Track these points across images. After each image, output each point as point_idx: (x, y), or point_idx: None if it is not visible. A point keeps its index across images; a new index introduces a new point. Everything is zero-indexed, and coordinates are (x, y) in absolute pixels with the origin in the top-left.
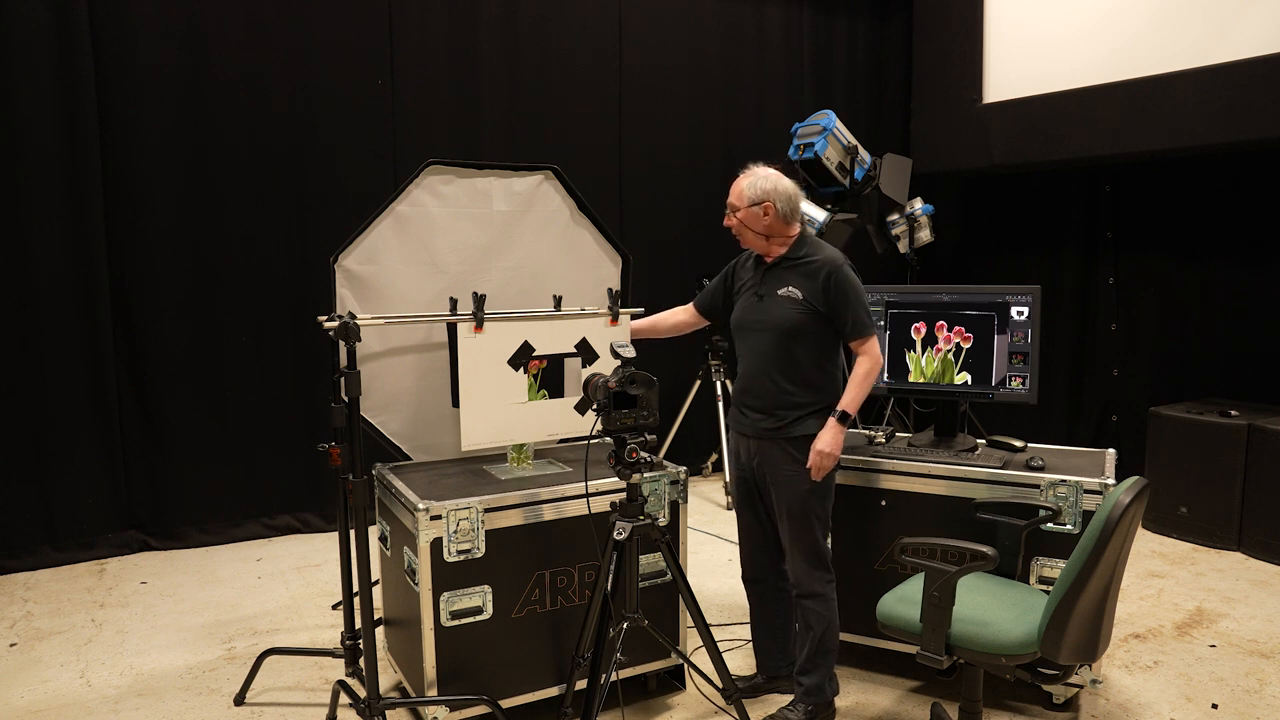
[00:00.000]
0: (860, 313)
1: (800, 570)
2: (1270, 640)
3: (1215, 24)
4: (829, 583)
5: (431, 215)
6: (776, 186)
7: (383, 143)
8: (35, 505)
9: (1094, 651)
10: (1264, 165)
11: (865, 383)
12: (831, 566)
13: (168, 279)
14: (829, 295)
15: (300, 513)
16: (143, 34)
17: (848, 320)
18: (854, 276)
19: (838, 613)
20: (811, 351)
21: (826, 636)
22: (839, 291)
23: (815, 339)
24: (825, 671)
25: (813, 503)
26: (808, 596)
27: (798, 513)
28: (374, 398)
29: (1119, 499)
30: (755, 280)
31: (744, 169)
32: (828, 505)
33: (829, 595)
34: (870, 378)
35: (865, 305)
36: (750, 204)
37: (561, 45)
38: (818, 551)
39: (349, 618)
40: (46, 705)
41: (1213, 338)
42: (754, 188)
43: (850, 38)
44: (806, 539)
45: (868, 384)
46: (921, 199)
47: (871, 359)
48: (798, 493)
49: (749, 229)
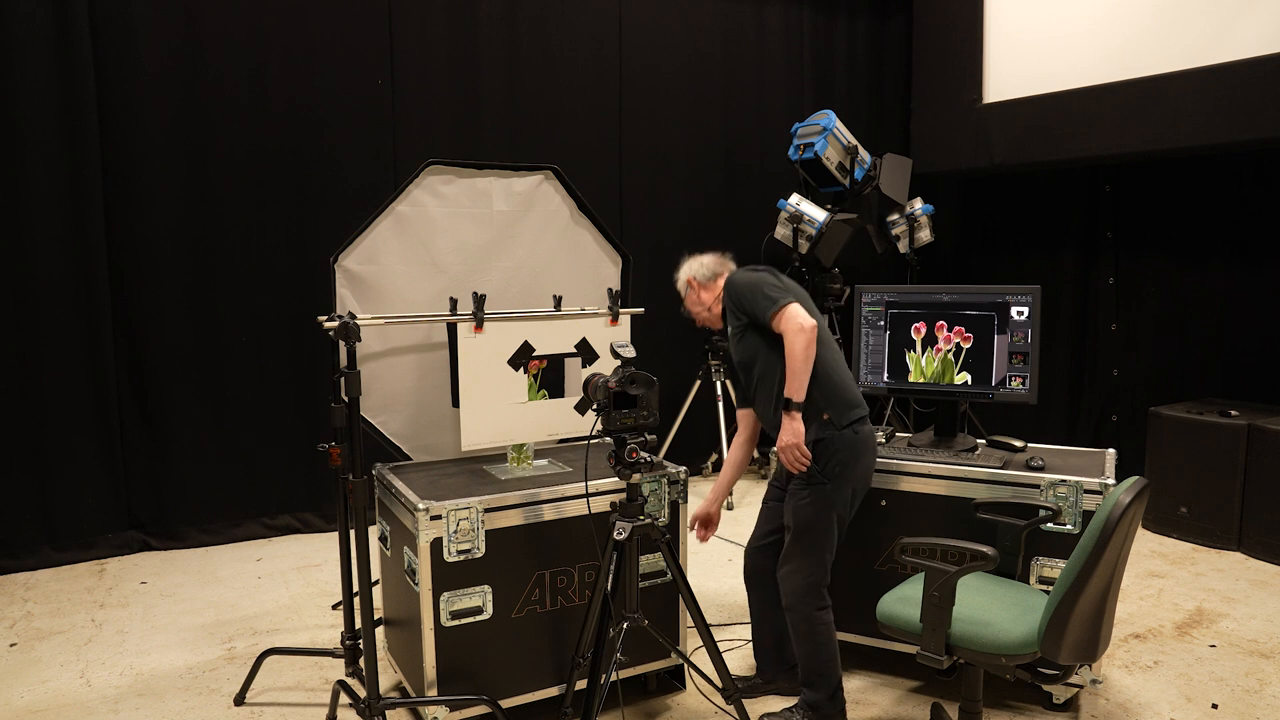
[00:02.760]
0: (757, 299)
1: (789, 590)
2: (1270, 640)
3: (1215, 24)
4: (819, 609)
5: (431, 215)
6: (688, 265)
7: (383, 143)
8: (35, 505)
9: (1094, 651)
10: (1264, 165)
11: (801, 360)
12: (827, 597)
13: (168, 279)
14: (736, 306)
15: (300, 513)
16: (143, 34)
17: (753, 312)
18: (741, 277)
19: (832, 640)
20: (767, 362)
21: (819, 659)
22: (734, 298)
23: (761, 350)
24: (823, 692)
25: (809, 515)
26: (792, 617)
27: (795, 527)
28: (374, 398)
29: (1119, 499)
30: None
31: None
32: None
33: (815, 620)
34: (803, 352)
35: (760, 288)
36: (684, 292)
37: (561, 45)
38: (812, 577)
39: (349, 618)
40: (46, 705)
41: (1213, 338)
42: (679, 281)
43: (850, 38)
44: (802, 560)
45: (804, 360)
46: (921, 199)
47: (794, 329)
48: (797, 504)
49: (700, 310)
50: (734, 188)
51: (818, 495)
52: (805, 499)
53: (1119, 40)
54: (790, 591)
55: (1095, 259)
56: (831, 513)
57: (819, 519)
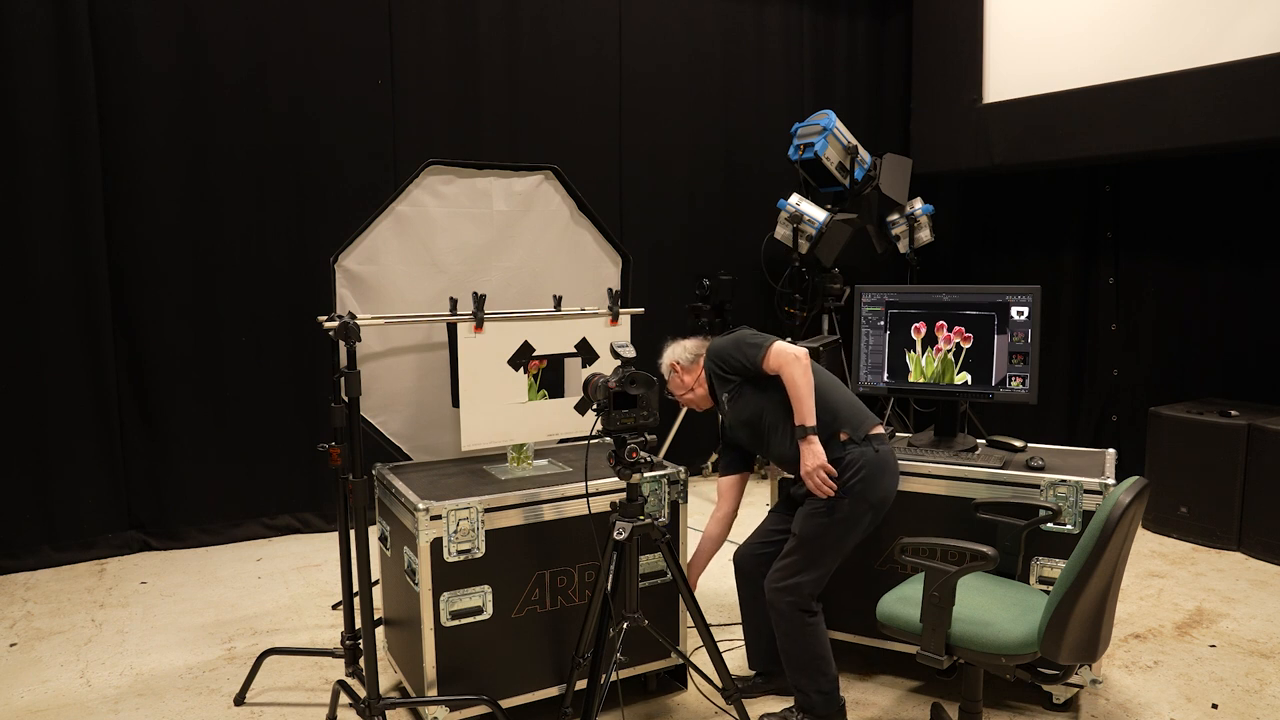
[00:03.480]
0: (743, 350)
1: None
2: (1270, 640)
3: (1215, 24)
4: (801, 612)
5: (431, 215)
6: (670, 351)
7: (383, 143)
8: (35, 505)
9: (1094, 651)
10: (1264, 165)
11: (804, 387)
12: (814, 606)
13: (168, 279)
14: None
15: (300, 513)
16: (143, 34)
17: (742, 365)
18: (719, 342)
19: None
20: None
21: (800, 656)
22: (720, 362)
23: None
24: (811, 688)
25: (818, 527)
26: (772, 608)
27: (802, 533)
28: (374, 398)
29: (1119, 499)
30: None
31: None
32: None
33: (795, 621)
34: (803, 378)
35: (741, 342)
36: (669, 376)
37: (562, 45)
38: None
39: (349, 618)
40: (46, 705)
41: (1212, 338)
42: (662, 365)
43: (850, 38)
44: (798, 562)
45: (807, 385)
46: (921, 199)
47: (789, 360)
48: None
49: (683, 393)
50: (734, 188)
51: (832, 509)
52: (820, 509)
53: (1119, 40)
54: (775, 589)
55: (1095, 259)
56: (843, 529)
57: (827, 533)
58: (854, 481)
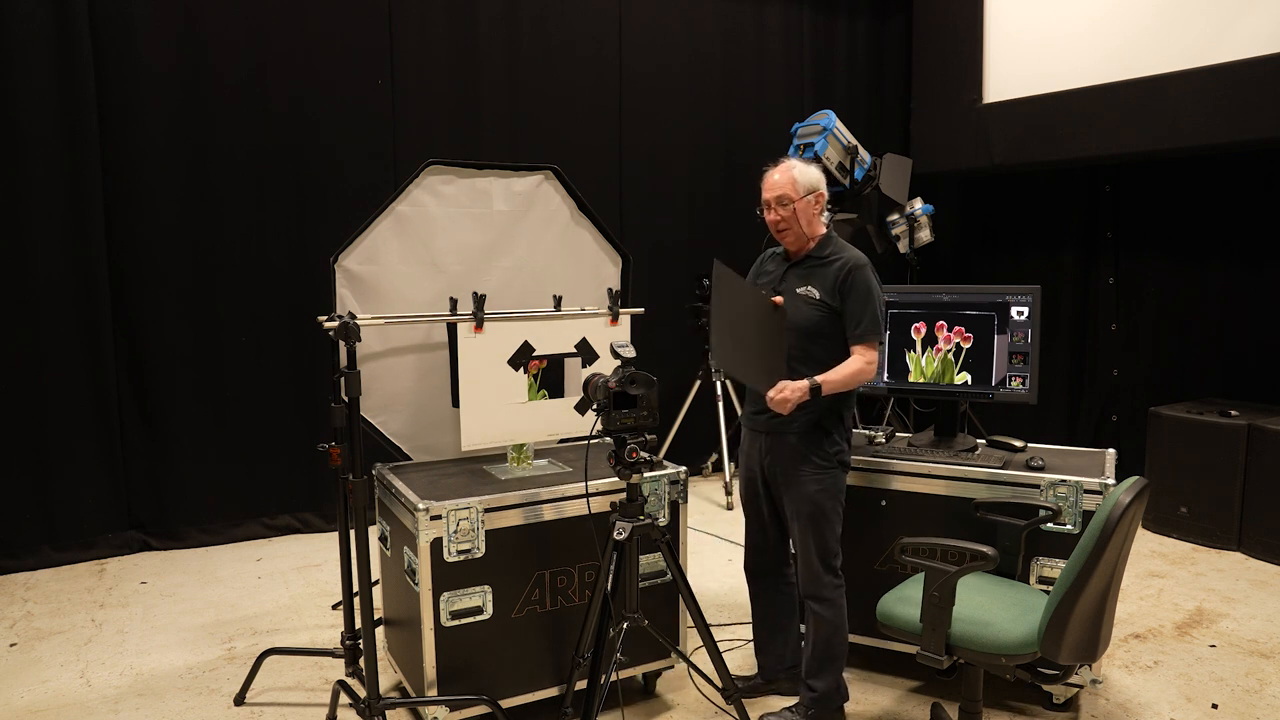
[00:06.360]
0: (869, 316)
1: (807, 574)
2: (1270, 640)
3: (1215, 24)
4: (837, 588)
5: (431, 215)
6: (821, 177)
7: (383, 143)
8: (35, 505)
9: (1094, 651)
10: (1264, 165)
11: (851, 376)
12: (840, 572)
13: (168, 279)
14: (844, 293)
15: (300, 513)
16: (143, 34)
17: (855, 320)
18: (872, 279)
19: (846, 618)
20: (830, 351)
21: (834, 642)
22: (854, 291)
23: (833, 339)
24: (833, 678)
25: (823, 501)
26: (814, 600)
27: (807, 513)
28: (374, 398)
29: (1119, 499)
30: (776, 278)
31: (771, 164)
32: (838, 506)
33: (837, 601)
34: (857, 377)
35: (876, 311)
36: (805, 193)
37: (562, 45)
38: (826, 555)
39: (349, 618)
40: (46, 705)
41: (1212, 338)
42: (806, 176)
43: (850, 38)
44: (817, 542)
45: (852, 379)
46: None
47: (866, 362)
48: (807, 493)
49: (799, 220)
50: (734, 188)
51: (830, 480)
52: (816, 486)
53: (1119, 40)
54: (810, 579)
55: (1095, 259)
56: (838, 497)
57: (828, 502)
58: (845, 455)
